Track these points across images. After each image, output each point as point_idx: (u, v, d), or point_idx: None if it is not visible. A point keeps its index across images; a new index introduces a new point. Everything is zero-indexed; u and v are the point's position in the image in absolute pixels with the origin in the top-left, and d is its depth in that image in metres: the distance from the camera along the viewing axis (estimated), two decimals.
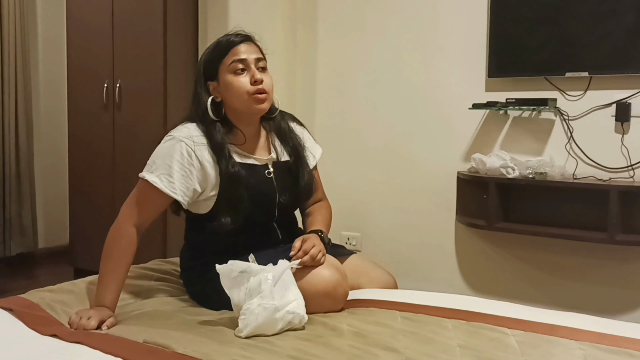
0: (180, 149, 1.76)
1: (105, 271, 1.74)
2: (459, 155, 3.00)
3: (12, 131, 4.12)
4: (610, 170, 2.64)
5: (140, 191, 1.80)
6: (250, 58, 1.82)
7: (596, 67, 2.61)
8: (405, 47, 3.13)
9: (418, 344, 1.46)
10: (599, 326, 1.60)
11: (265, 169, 1.88)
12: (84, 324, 1.58)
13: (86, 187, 3.78)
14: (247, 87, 1.80)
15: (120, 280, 1.74)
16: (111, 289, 1.71)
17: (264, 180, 1.87)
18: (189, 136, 1.78)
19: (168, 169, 1.75)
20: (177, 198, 1.76)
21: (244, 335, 1.49)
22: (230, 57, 1.82)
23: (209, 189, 1.80)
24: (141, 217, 1.78)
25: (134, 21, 3.51)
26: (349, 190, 3.32)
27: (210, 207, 1.82)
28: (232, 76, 1.81)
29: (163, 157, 1.77)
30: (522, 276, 2.87)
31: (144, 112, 3.47)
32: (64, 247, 4.22)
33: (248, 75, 1.81)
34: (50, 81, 4.48)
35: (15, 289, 3.36)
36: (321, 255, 1.74)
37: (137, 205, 1.78)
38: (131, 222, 1.77)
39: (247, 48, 1.83)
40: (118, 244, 1.76)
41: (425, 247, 3.12)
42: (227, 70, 1.82)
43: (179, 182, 1.75)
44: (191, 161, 1.76)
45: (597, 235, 2.49)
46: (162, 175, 1.75)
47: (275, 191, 1.88)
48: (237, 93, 1.81)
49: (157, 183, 1.75)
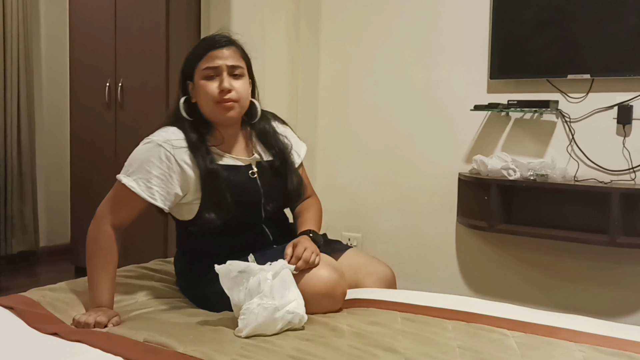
0: (159, 153, 1.75)
1: (94, 272, 1.74)
2: (461, 156, 3.00)
3: (14, 129, 4.13)
4: (611, 172, 2.64)
5: (116, 193, 1.79)
6: (224, 65, 1.80)
7: (598, 70, 2.61)
8: (407, 49, 3.13)
9: (418, 344, 1.46)
10: (599, 328, 1.59)
11: (249, 169, 1.87)
12: (91, 321, 1.58)
13: (88, 186, 3.79)
14: (214, 94, 1.79)
15: (111, 278, 1.74)
16: (104, 288, 1.71)
17: (248, 181, 1.86)
18: (167, 140, 1.78)
19: (146, 173, 1.74)
20: (156, 204, 1.75)
21: (244, 335, 1.49)
22: (204, 62, 1.81)
23: (191, 192, 1.79)
24: (118, 218, 1.78)
25: (136, 20, 3.52)
26: (351, 190, 3.32)
27: (195, 212, 1.81)
28: (204, 81, 1.81)
29: (141, 162, 1.76)
30: (522, 278, 2.87)
31: (146, 110, 3.47)
32: (66, 246, 4.23)
33: (218, 82, 1.80)
34: (52, 79, 4.48)
35: (17, 287, 3.37)
36: (314, 256, 1.72)
37: (114, 207, 1.78)
38: (108, 222, 1.77)
39: (224, 53, 1.81)
40: (100, 244, 1.75)
41: (426, 249, 3.12)
42: (200, 74, 1.81)
43: (158, 187, 1.75)
44: (170, 165, 1.75)
45: (599, 238, 2.49)
46: (140, 180, 1.75)
47: (260, 192, 1.86)
48: (205, 99, 1.81)
49: (134, 188, 1.74)
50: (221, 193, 1.78)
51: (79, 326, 1.59)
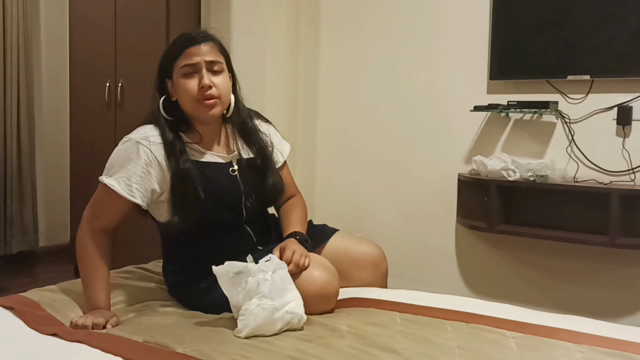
0: (137, 150, 1.75)
1: (85, 275, 1.73)
2: (460, 157, 3.00)
3: (14, 129, 4.12)
4: (611, 173, 2.64)
5: (99, 195, 1.79)
6: (203, 61, 1.78)
7: (598, 71, 2.61)
8: (407, 49, 3.13)
9: (417, 345, 1.46)
10: (598, 329, 1.59)
11: (229, 166, 1.85)
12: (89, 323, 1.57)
13: (87, 186, 3.74)
14: (194, 92, 1.77)
15: (104, 279, 1.73)
16: (99, 290, 1.70)
17: (228, 178, 1.83)
18: (145, 137, 1.77)
19: (126, 171, 1.74)
20: (135, 201, 1.74)
21: (243, 336, 1.49)
22: (182, 59, 1.78)
23: (167, 190, 1.77)
24: (102, 220, 1.77)
25: (136, 20, 3.52)
26: (350, 191, 3.32)
27: (166, 215, 1.80)
28: (183, 79, 1.79)
29: (121, 160, 1.75)
30: (522, 278, 2.87)
31: (146, 111, 3.42)
32: (65, 246, 4.23)
33: (197, 78, 1.78)
34: (52, 79, 4.48)
35: (16, 287, 3.37)
36: (304, 258, 1.70)
37: (97, 209, 1.77)
38: (94, 225, 1.76)
39: (201, 50, 1.78)
40: (87, 247, 1.75)
41: (426, 249, 3.12)
42: (178, 72, 1.79)
43: (137, 185, 1.74)
44: (149, 161, 1.74)
45: (598, 239, 2.49)
46: (121, 179, 1.74)
47: (241, 189, 1.84)
48: (185, 97, 1.79)
49: (114, 187, 1.73)
50: (188, 191, 1.74)
51: (76, 329, 1.57)
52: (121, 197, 1.73)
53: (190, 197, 1.74)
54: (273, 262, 1.61)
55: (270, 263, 1.61)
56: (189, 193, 1.74)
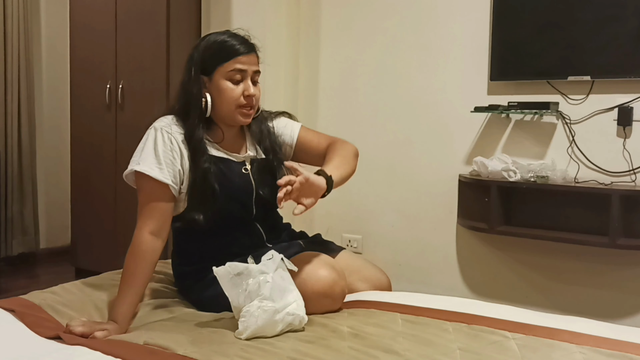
0: (162, 137, 1.77)
1: (122, 282, 1.71)
2: (461, 158, 3.00)
3: (14, 131, 4.13)
4: (612, 174, 2.64)
5: (139, 190, 1.78)
6: (250, 70, 1.81)
7: (599, 72, 2.61)
8: (407, 51, 3.13)
9: (418, 346, 1.46)
10: (599, 330, 1.59)
11: (242, 165, 1.87)
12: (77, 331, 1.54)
13: (88, 188, 3.79)
14: (239, 98, 1.80)
15: (134, 292, 1.69)
16: (122, 303, 1.67)
17: (241, 175, 1.85)
18: (167, 124, 1.80)
19: (156, 157, 1.74)
20: (169, 183, 1.73)
21: (244, 338, 1.49)
22: (231, 64, 1.80)
23: (185, 179, 1.78)
24: (152, 219, 1.73)
25: (137, 21, 3.52)
26: (351, 192, 3.32)
27: (182, 207, 1.81)
28: (228, 83, 1.80)
29: (148, 148, 1.76)
30: (523, 280, 2.87)
31: (146, 112, 3.44)
32: (66, 247, 4.23)
33: (242, 86, 1.80)
34: (53, 81, 4.49)
35: (17, 289, 3.37)
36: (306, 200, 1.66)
37: (143, 208, 1.75)
38: (146, 229, 1.73)
39: (249, 59, 1.82)
40: (132, 256, 1.72)
41: (427, 250, 3.12)
42: (223, 74, 1.80)
43: (167, 168, 1.74)
44: (172, 147, 1.76)
45: (599, 240, 2.49)
46: (152, 165, 1.74)
47: (253, 187, 1.86)
48: (226, 101, 1.81)
49: (148, 172, 1.72)
50: (211, 189, 1.76)
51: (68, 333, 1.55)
52: (157, 182, 1.73)
53: (208, 193, 1.76)
54: (275, 261, 1.61)
55: (271, 262, 1.61)
56: (208, 189, 1.77)
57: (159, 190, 1.74)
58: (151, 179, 1.73)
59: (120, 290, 1.70)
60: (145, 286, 1.76)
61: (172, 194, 1.76)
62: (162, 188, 1.74)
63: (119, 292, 1.70)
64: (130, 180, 1.81)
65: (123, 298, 1.68)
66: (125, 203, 3.51)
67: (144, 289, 1.75)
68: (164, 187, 1.74)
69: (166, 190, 1.75)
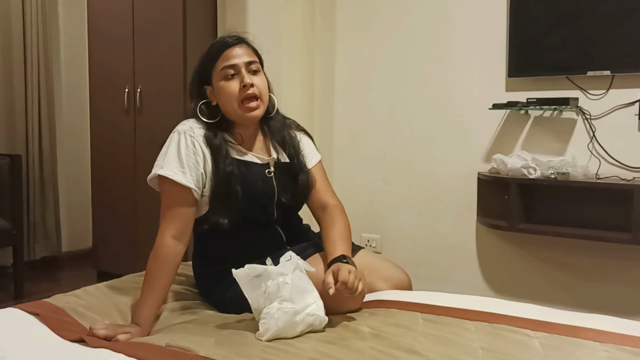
0: (185, 140, 1.78)
1: (144, 285, 1.73)
2: (480, 155, 2.98)
3: (35, 137, 4.18)
4: (634, 169, 2.60)
5: (162, 194, 1.79)
6: (241, 62, 1.81)
7: (618, 66, 2.58)
8: (424, 48, 3.12)
9: (440, 346, 1.46)
10: (623, 328, 1.57)
11: (266, 168, 1.87)
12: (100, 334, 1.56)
13: (108, 192, 3.82)
14: (236, 93, 1.80)
15: (156, 296, 1.70)
16: (145, 306, 1.69)
17: (263, 179, 1.85)
18: (190, 127, 1.81)
19: (179, 161, 1.76)
20: (191, 187, 1.75)
21: (265, 339, 1.50)
22: (221, 62, 1.81)
23: (208, 182, 1.79)
24: (174, 223, 1.75)
25: (154, 26, 3.55)
26: (369, 191, 3.32)
27: (204, 209, 1.82)
28: (224, 82, 1.81)
29: (171, 152, 1.77)
30: (544, 277, 2.85)
31: (164, 115, 3.50)
32: (87, 251, 4.27)
33: (238, 80, 1.80)
34: (72, 87, 4.54)
35: (40, 292, 3.42)
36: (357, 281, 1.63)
37: (166, 212, 1.77)
38: (168, 233, 1.74)
39: (238, 51, 1.82)
40: (154, 259, 1.73)
41: (446, 249, 3.10)
42: (218, 76, 1.82)
43: (190, 172, 1.76)
44: (195, 150, 1.77)
45: (621, 236, 2.46)
46: (175, 169, 1.75)
47: (275, 190, 1.86)
48: (228, 100, 1.81)
49: (171, 176, 1.74)
50: (234, 192, 1.77)
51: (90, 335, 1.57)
52: (180, 186, 1.74)
53: (231, 196, 1.77)
54: (293, 262, 1.61)
55: (290, 263, 1.61)
56: (232, 192, 1.77)
57: (182, 194, 1.76)
58: (174, 182, 1.74)
59: (142, 294, 1.71)
60: (168, 289, 1.78)
61: (194, 197, 1.78)
62: (185, 192, 1.76)
63: (142, 295, 1.71)
64: (154, 184, 1.83)
65: (145, 301, 1.69)
66: (145, 206, 3.54)
67: (166, 292, 1.76)
68: (186, 191, 1.76)
69: (189, 194, 1.77)
